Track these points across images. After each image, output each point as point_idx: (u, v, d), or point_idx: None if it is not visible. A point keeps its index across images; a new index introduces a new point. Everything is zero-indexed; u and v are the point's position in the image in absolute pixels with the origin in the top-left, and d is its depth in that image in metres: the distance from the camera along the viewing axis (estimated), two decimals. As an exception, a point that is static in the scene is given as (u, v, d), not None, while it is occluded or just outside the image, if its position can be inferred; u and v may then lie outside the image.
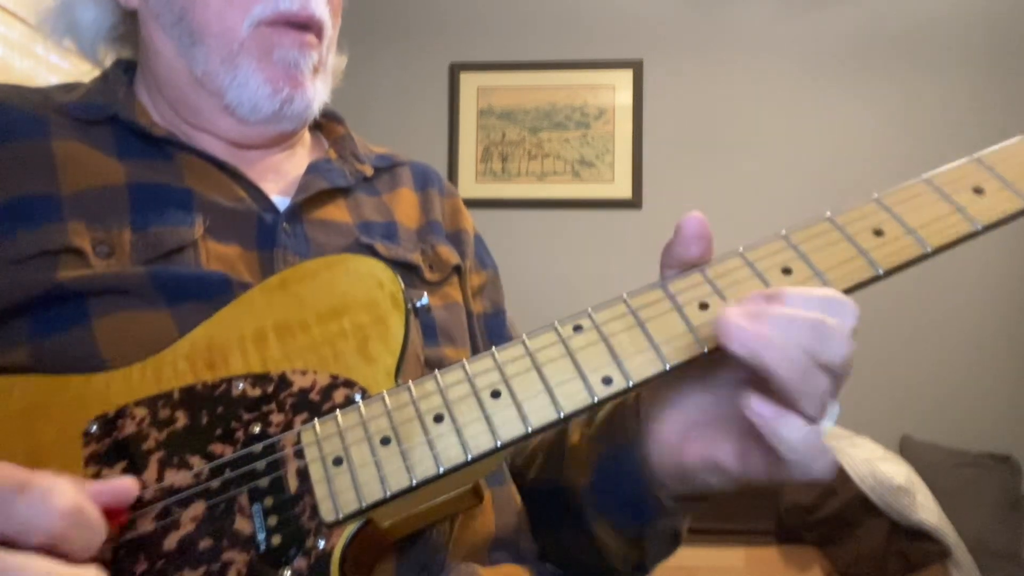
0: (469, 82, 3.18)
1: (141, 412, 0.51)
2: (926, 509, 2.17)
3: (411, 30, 3.21)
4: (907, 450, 2.73)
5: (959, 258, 2.88)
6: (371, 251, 0.69)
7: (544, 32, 3.17)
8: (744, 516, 2.28)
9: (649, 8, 3.14)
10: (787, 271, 0.49)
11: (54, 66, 1.64)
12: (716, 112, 3.09)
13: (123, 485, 0.45)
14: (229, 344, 0.54)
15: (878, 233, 0.49)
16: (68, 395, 0.52)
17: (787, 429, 0.43)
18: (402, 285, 0.55)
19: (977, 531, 2.32)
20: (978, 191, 0.50)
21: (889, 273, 0.48)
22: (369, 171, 0.77)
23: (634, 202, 3.07)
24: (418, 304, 0.56)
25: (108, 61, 0.77)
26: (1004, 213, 0.49)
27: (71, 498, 0.41)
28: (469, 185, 3.13)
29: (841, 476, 2.23)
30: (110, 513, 0.44)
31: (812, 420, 0.43)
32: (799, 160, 2.99)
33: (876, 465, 2.23)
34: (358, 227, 0.71)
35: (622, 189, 3.09)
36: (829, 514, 2.19)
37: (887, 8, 3.03)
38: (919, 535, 2.16)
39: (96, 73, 0.76)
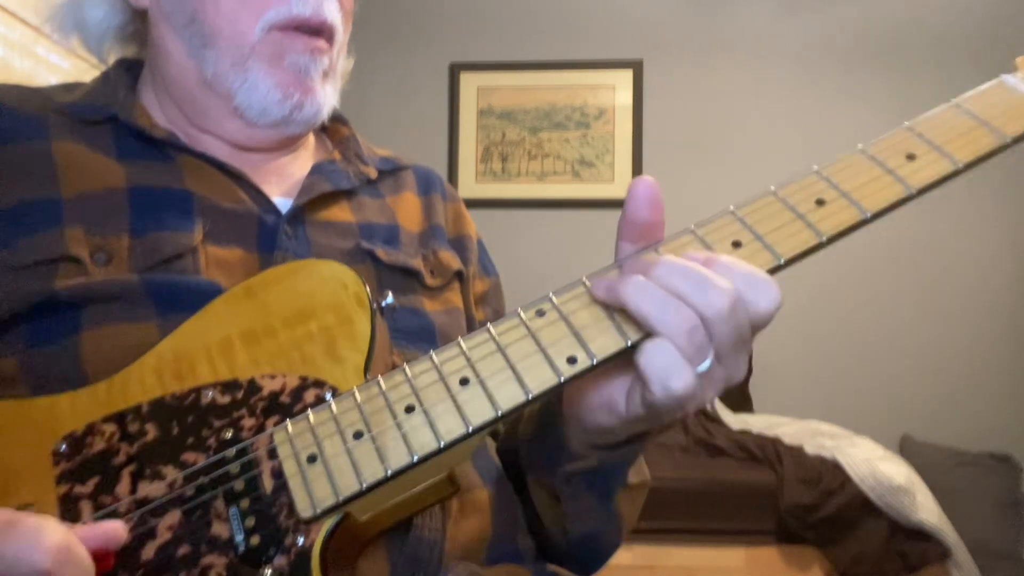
0: (469, 82, 3.19)
1: (110, 428, 0.51)
2: (926, 509, 2.17)
3: (411, 30, 3.22)
4: (907, 450, 2.73)
5: (959, 259, 2.89)
6: (371, 257, 0.69)
7: (544, 32, 3.17)
8: (744, 516, 2.28)
9: (649, 8, 3.14)
10: (737, 244, 0.51)
11: (54, 66, 1.64)
12: (716, 112, 3.09)
13: (111, 528, 0.45)
14: (195, 354, 0.54)
15: (820, 203, 0.51)
16: (35, 416, 0.52)
17: (652, 346, 0.46)
18: (366, 285, 0.56)
19: (977, 531, 2.32)
20: (911, 157, 0.53)
21: (832, 239, 0.50)
22: (373, 173, 0.77)
23: (634, 202, 3.07)
24: (384, 304, 0.57)
25: (113, 59, 0.77)
26: (936, 176, 0.52)
27: (61, 536, 0.40)
28: (469, 185, 3.13)
29: (841, 476, 2.23)
30: (97, 556, 0.44)
31: (676, 346, 0.47)
32: (798, 159, 2.99)
33: (876, 465, 2.23)
34: (360, 229, 0.71)
35: (622, 189, 3.09)
36: (829, 514, 2.19)
37: (886, 8, 3.03)
38: (919, 535, 2.16)
39: (98, 73, 0.75)
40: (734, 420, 2.68)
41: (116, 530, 0.45)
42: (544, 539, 0.68)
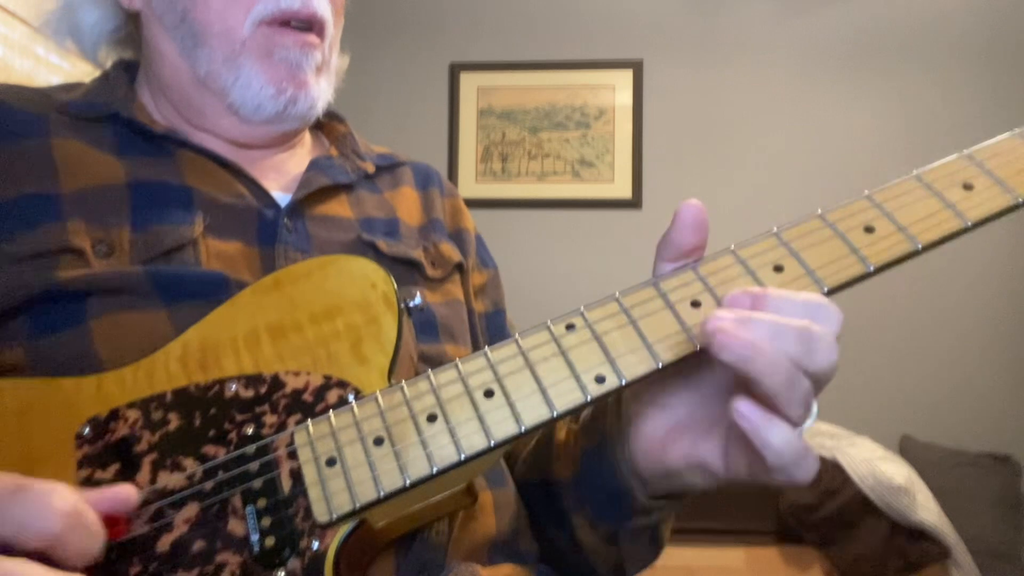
0: (469, 82, 3.18)
1: (134, 414, 0.51)
2: (926, 509, 2.17)
3: (411, 30, 3.22)
4: (907, 450, 2.73)
5: (959, 258, 2.89)
6: (372, 248, 0.69)
7: (544, 32, 3.17)
8: (744, 516, 2.28)
9: (649, 8, 3.14)
10: (779, 268, 0.49)
11: (54, 66, 1.64)
12: (716, 112, 3.09)
13: (123, 492, 0.45)
14: (222, 345, 0.54)
15: (869, 230, 0.49)
16: (60, 397, 0.52)
17: (774, 435, 0.43)
18: (395, 285, 0.55)
19: (977, 531, 2.32)
20: (968, 187, 0.50)
21: (880, 270, 0.48)
22: (371, 168, 0.77)
23: (634, 202, 3.08)
24: (411, 304, 0.56)
25: (109, 63, 0.77)
26: (993, 209, 0.49)
27: (70, 500, 0.40)
28: (469, 185, 3.13)
29: (841, 476, 2.23)
30: (109, 522, 0.44)
31: (795, 424, 0.43)
32: (799, 160, 3.00)
33: (876, 465, 2.23)
34: (360, 223, 0.71)
35: (622, 189, 3.09)
36: (829, 514, 2.19)
37: (886, 8, 3.03)
38: (919, 535, 2.16)
39: (97, 73, 0.76)
40: (734, 420, 2.68)
41: (128, 493, 0.45)
42: (552, 547, 0.68)
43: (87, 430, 0.51)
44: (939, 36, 2.99)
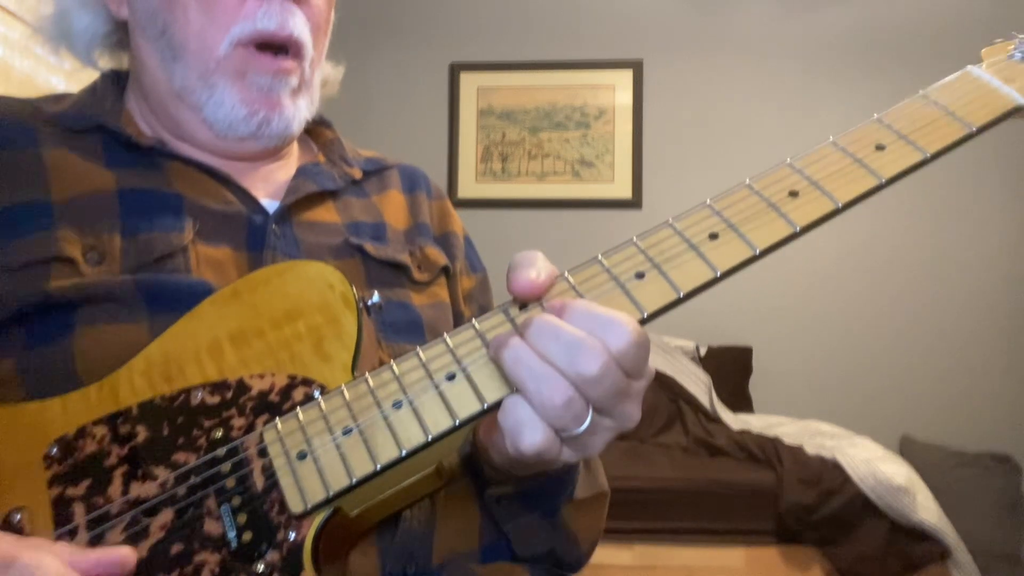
0: (469, 82, 3.19)
1: (101, 430, 0.52)
2: (926, 509, 2.17)
3: (411, 30, 3.22)
4: (907, 450, 2.73)
5: (960, 259, 2.89)
6: (360, 251, 0.70)
7: (544, 32, 3.18)
8: (744, 516, 2.28)
9: (649, 8, 3.15)
10: (714, 236, 0.52)
11: (54, 66, 1.64)
12: (716, 112, 3.09)
13: (118, 555, 0.45)
14: (184, 356, 0.55)
15: (793, 194, 0.53)
16: (25, 421, 0.53)
17: (507, 402, 0.48)
18: (352, 285, 0.57)
19: (977, 531, 2.32)
20: (880, 148, 0.55)
21: (805, 230, 0.52)
22: (358, 174, 0.78)
23: (634, 202, 3.08)
24: (370, 302, 0.57)
25: (102, 63, 0.77)
26: (905, 165, 0.54)
27: (56, 573, 0.40)
28: (469, 185, 3.14)
29: (841, 476, 2.24)
30: None
31: (554, 421, 0.47)
32: (799, 160, 3.00)
33: (876, 465, 2.23)
34: (347, 227, 0.72)
35: (622, 189, 3.10)
36: (829, 514, 2.20)
37: (886, 8, 3.03)
38: (919, 535, 2.16)
39: (95, 76, 0.76)
40: (734, 420, 2.68)
41: (125, 557, 0.45)
42: None
43: (55, 450, 0.51)
44: (939, 35, 2.99)
